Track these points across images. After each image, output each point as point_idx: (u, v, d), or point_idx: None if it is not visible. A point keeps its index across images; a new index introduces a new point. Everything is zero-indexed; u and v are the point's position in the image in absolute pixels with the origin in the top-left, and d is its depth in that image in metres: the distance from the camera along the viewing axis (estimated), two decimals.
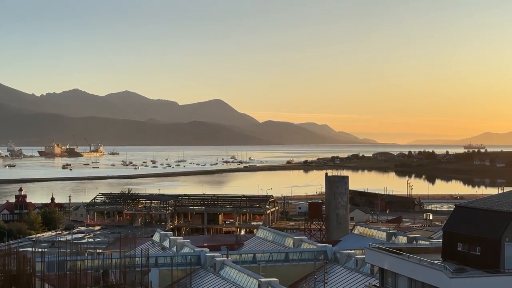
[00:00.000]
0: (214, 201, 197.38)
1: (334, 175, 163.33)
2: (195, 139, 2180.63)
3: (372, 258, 60.81)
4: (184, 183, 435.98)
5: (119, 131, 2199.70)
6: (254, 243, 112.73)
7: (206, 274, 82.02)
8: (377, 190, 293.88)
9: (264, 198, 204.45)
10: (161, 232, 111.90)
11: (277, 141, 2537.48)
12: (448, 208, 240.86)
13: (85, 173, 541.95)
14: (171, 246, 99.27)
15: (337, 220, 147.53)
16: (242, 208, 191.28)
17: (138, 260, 77.37)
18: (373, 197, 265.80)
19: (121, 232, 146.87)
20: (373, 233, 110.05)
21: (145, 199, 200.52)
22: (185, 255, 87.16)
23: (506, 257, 49.82)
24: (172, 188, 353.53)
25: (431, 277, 49.24)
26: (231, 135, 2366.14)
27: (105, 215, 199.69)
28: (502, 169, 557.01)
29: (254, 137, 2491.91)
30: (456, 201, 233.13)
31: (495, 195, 62.88)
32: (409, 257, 53.09)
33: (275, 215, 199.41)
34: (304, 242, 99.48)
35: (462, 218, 55.55)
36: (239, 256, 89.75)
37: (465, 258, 51.92)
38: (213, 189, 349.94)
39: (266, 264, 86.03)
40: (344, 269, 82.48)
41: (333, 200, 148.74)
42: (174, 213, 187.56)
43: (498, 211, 52.24)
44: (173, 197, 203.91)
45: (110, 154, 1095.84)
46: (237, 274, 76.22)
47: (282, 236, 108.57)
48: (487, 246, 50.72)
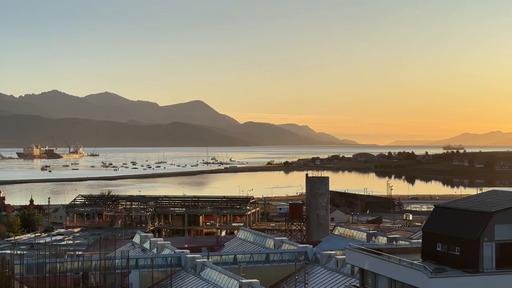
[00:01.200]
0: (194, 203, 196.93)
1: (315, 176, 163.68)
2: (176, 140, 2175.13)
3: (352, 259, 61.01)
4: (164, 185, 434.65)
5: (99, 133, 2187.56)
6: (234, 244, 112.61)
7: (186, 275, 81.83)
8: (357, 190, 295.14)
9: (244, 199, 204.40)
10: (141, 234, 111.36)
11: (258, 142, 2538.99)
12: (427, 209, 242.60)
13: (65, 175, 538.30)
14: (152, 248, 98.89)
15: (318, 221, 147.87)
16: (222, 209, 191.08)
17: (118, 262, 76.91)
18: (353, 197, 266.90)
19: (101, 234, 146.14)
20: (353, 233, 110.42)
21: (125, 201, 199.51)
22: (165, 257, 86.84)
23: (485, 257, 50.22)
24: (152, 190, 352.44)
25: (411, 277, 49.52)
26: (211, 136, 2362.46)
27: (85, 217, 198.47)
28: (480, 170, 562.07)
29: (235, 138, 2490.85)
30: (435, 201, 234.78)
31: (474, 195, 63.39)
32: (389, 257, 53.32)
33: (256, 216, 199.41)
34: (284, 243, 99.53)
35: (441, 219, 55.90)
36: (219, 257, 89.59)
37: (445, 258, 52.25)
38: (194, 191, 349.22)
39: (247, 265, 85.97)
40: (325, 270, 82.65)
41: (314, 201, 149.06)
42: (154, 214, 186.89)
43: (477, 211, 52.65)
44: (153, 198, 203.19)
45: (89, 156, 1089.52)
46: (217, 275, 76.13)
47: (262, 237, 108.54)
48: (466, 246, 51.09)
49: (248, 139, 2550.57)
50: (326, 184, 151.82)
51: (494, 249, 50.65)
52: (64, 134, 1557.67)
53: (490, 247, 50.48)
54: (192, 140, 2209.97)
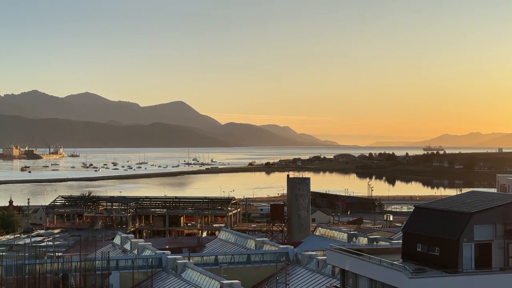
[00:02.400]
0: (175, 203, 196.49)
1: (296, 177, 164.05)
2: (157, 141, 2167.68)
3: (333, 259, 61.20)
4: (145, 185, 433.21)
5: (79, 133, 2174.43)
6: (216, 245, 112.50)
7: (167, 276, 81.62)
8: (338, 191, 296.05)
9: (226, 200, 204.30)
10: (122, 235, 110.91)
11: (239, 143, 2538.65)
12: (407, 209, 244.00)
13: (45, 176, 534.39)
14: (132, 249, 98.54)
15: (299, 222, 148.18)
16: (204, 210, 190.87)
17: (99, 263, 76.59)
18: (334, 198, 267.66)
19: (81, 235, 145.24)
20: (334, 234, 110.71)
21: (105, 202, 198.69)
22: (146, 258, 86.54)
23: (464, 257, 50.63)
24: (133, 190, 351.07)
25: (391, 277, 49.77)
26: (193, 137, 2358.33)
27: (65, 218, 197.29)
28: (460, 170, 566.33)
29: (216, 139, 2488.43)
30: (415, 202, 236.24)
31: (454, 196, 63.91)
32: (370, 258, 53.56)
33: (237, 217, 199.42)
34: (266, 244, 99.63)
35: (422, 219, 56.26)
36: (200, 258, 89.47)
37: (425, 259, 52.59)
38: (175, 191, 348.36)
39: (228, 266, 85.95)
40: (306, 270, 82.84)
41: (295, 201, 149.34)
42: (135, 215, 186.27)
43: (457, 212, 53.07)
44: (134, 199, 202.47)
45: (70, 156, 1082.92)
46: (198, 276, 76.02)
47: (244, 238, 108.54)
48: (446, 246, 51.47)
49: (229, 140, 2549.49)
50: (307, 185, 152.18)
51: (474, 249, 51.09)
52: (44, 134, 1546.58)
53: (469, 248, 50.90)
54: (174, 140, 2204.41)
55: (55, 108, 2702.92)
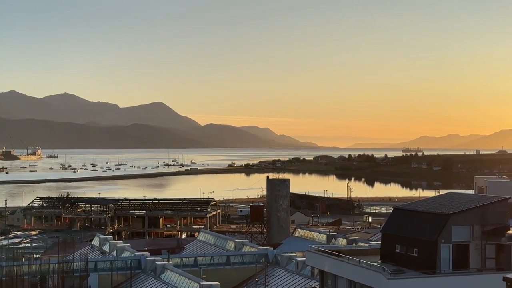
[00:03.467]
0: (155, 205, 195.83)
1: (276, 178, 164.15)
2: (136, 142, 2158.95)
3: (312, 261, 61.39)
4: (124, 187, 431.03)
5: (58, 134, 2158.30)
6: (195, 247, 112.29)
7: (146, 278, 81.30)
8: (317, 193, 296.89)
9: (205, 201, 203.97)
10: (101, 237, 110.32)
11: (219, 144, 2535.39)
12: (386, 211, 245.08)
13: (22, 177, 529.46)
14: (111, 251, 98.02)
15: (278, 223, 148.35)
16: (183, 211, 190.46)
17: (77, 265, 76.16)
18: (314, 200, 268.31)
19: (59, 237, 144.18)
20: (314, 235, 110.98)
21: (84, 203, 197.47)
22: (125, 260, 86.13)
23: (442, 258, 51.05)
24: (112, 192, 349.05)
25: (370, 278, 50.02)
26: (172, 138, 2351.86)
27: (43, 220, 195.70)
28: (438, 172, 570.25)
29: (196, 140, 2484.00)
30: (394, 203, 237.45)
31: (432, 197, 64.43)
32: (349, 259, 53.78)
33: (217, 218, 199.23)
34: (245, 245, 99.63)
35: (400, 220, 56.64)
36: (180, 260, 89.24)
37: (403, 260, 52.92)
38: (154, 193, 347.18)
39: (208, 267, 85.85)
40: (285, 272, 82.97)
41: (274, 203, 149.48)
42: (114, 217, 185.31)
43: (435, 213, 53.49)
44: (113, 200, 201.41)
45: (48, 157, 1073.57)
46: (178, 278, 75.81)
47: (223, 239, 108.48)
48: (424, 247, 51.85)
49: (209, 141, 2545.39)
50: (287, 186, 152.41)
51: (451, 250, 51.54)
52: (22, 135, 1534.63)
53: (447, 249, 51.34)
54: (153, 142, 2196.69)
55: (33, 109, 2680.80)
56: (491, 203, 54.47)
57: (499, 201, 55.10)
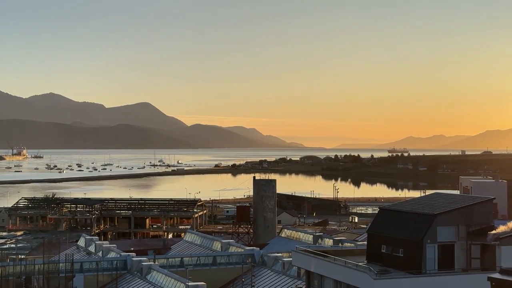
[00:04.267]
0: (141, 205, 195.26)
1: (262, 179, 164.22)
2: (122, 143, 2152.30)
3: (298, 261, 61.46)
4: (110, 187, 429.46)
5: (43, 134, 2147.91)
6: (181, 247, 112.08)
7: (132, 279, 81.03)
8: (304, 193, 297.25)
9: (192, 201, 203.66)
10: (87, 237, 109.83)
11: (205, 144, 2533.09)
12: (372, 211, 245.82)
13: (7, 177, 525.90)
14: (97, 251, 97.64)
15: (265, 224, 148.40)
16: (169, 212, 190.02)
17: (62, 265, 75.78)
18: (300, 200, 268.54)
19: (44, 237, 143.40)
20: (300, 236, 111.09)
21: (70, 203, 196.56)
22: (111, 260, 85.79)
23: (428, 258, 51.28)
24: (98, 192, 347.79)
25: (356, 278, 50.16)
26: (159, 138, 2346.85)
27: (28, 220, 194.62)
28: (424, 173, 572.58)
29: (182, 140, 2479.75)
30: (380, 204, 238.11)
31: (417, 198, 64.69)
32: (335, 259, 53.89)
33: (203, 219, 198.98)
34: (231, 246, 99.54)
35: (386, 221, 56.83)
36: (166, 260, 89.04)
37: (389, 260, 53.10)
38: (140, 193, 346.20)
39: (194, 268, 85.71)
40: (271, 272, 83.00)
41: (261, 203, 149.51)
42: (100, 217, 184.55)
43: (420, 214, 53.73)
44: (99, 201, 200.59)
45: (33, 158, 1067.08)
46: (164, 278, 75.62)
47: (209, 239, 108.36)
48: (410, 247, 52.05)
49: (195, 141, 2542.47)
50: (273, 187, 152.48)
51: (437, 250, 51.79)
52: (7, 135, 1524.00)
53: (432, 249, 51.58)
54: (139, 142, 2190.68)
55: (18, 109, 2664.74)
56: (476, 203, 54.79)
57: (484, 201, 55.45)
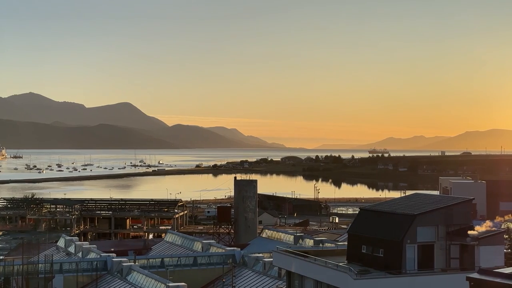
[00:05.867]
0: (121, 206, 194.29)
1: (243, 179, 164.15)
2: (103, 143, 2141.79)
3: (279, 261, 61.57)
4: (91, 187, 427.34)
5: (23, 134, 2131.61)
6: (162, 248, 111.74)
7: (112, 279, 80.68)
8: (285, 193, 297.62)
9: (172, 202, 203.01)
10: (66, 238, 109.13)
11: (186, 145, 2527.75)
12: (353, 211, 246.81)
13: None
14: (77, 252, 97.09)
15: (246, 224, 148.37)
16: (150, 212, 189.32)
17: (42, 266, 75.24)
18: (281, 200, 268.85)
19: (23, 238, 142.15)
20: (281, 236, 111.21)
21: (49, 204, 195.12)
22: (91, 261, 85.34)
23: (408, 259, 51.60)
24: (78, 193, 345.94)
25: (336, 279, 50.35)
26: (139, 138, 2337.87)
27: (7, 221, 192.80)
28: (404, 173, 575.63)
29: (163, 141, 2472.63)
30: (360, 204, 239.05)
31: (398, 198, 65.10)
32: (315, 259, 54.05)
33: (184, 219, 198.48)
34: (212, 246, 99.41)
35: (366, 221, 57.10)
36: (146, 261, 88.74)
37: (369, 260, 53.35)
38: (121, 193, 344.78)
39: (174, 268, 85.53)
40: (252, 272, 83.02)
41: (242, 204, 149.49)
42: (80, 218, 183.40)
43: (400, 214, 54.05)
44: (79, 201, 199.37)
45: (12, 158, 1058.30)
46: (144, 279, 75.36)
47: (190, 240, 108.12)
48: (390, 248, 52.34)
49: (176, 141, 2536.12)
50: (254, 187, 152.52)
51: (416, 250, 52.14)
52: None
53: (412, 249, 51.92)
54: (120, 142, 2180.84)
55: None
56: (456, 204, 55.26)
57: (463, 202, 55.94)
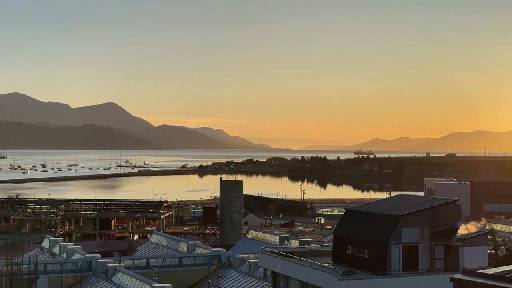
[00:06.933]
0: (106, 206, 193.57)
1: (229, 180, 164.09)
2: (88, 143, 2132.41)
3: (264, 262, 61.62)
4: (76, 188, 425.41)
5: (7, 134, 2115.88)
6: (147, 248, 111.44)
7: (97, 280, 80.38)
8: (270, 194, 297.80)
9: (158, 202, 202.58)
10: (51, 238, 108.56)
11: (172, 145, 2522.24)
12: (338, 212, 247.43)
13: None
14: (61, 253, 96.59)
15: (231, 225, 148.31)
16: (135, 213, 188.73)
17: (26, 267, 74.84)
18: (267, 201, 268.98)
19: (8, 239, 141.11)
20: (266, 237, 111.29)
21: (34, 204, 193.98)
22: (75, 262, 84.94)
23: (392, 259, 51.82)
24: (63, 193, 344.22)
25: (322, 279, 50.45)
26: (125, 139, 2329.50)
27: None
28: (389, 174, 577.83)
29: (149, 141, 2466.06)
30: (346, 205, 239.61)
31: (383, 199, 65.42)
32: (301, 260, 54.15)
33: (169, 220, 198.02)
34: (198, 247, 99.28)
35: (352, 222, 57.28)
36: (131, 262, 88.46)
37: (354, 261, 53.53)
38: (106, 194, 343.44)
39: (160, 269, 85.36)
40: (238, 273, 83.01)
41: (227, 204, 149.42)
42: (64, 218, 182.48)
43: (385, 215, 54.27)
44: (64, 202, 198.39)
45: None
46: (129, 280, 75.14)
47: (176, 241, 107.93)
48: (375, 248, 52.53)
49: (162, 142, 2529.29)
50: (240, 188, 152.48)
51: (401, 251, 52.38)
52: None
53: (397, 250, 52.15)
54: (105, 143, 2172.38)
55: None
56: (440, 204, 55.57)
57: (447, 203, 56.25)
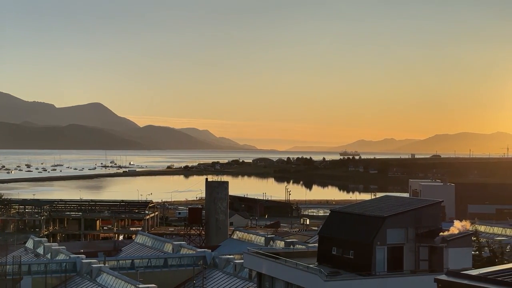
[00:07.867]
0: (91, 207, 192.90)
1: (214, 181, 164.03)
2: (73, 143, 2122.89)
3: (250, 263, 61.63)
4: (60, 188, 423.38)
5: None
6: (132, 249, 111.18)
7: (82, 281, 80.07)
8: (256, 195, 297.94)
9: (143, 203, 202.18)
10: (35, 239, 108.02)
11: (158, 146, 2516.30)
12: (324, 213, 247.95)
13: None
14: (45, 253, 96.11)
15: (217, 225, 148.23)
16: (120, 213, 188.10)
17: (10, 267, 74.41)
18: (253, 202, 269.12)
19: None
20: (252, 238, 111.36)
21: (18, 204, 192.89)
22: (60, 262, 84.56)
23: (378, 260, 52.01)
24: (47, 193, 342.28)
25: (307, 280, 50.55)
26: (110, 139, 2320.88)
27: None
28: (374, 175, 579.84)
29: (134, 141, 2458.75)
30: (331, 206, 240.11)
31: (368, 200, 65.67)
32: (286, 261, 54.21)
33: (155, 221, 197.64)
34: (183, 248, 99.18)
35: (337, 223, 57.41)
36: (116, 262, 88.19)
37: (339, 262, 53.66)
38: (91, 194, 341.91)
39: (145, 270, 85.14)
40: (223, 274, 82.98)
41: (213, 205, 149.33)
42: (49, 218, 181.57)
43: (370, 216, 54.45)
44: (48, 202, 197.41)
45: None
46: (114, 280, 74.91)
47: (161, 241, 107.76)
48: (360, 249, 52.70)
49: (148, 142, 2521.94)
50: (226, 189, 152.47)
51: (386, 252, 52.58)
52: None
53: (382, 251, 52.34)
54: (90, 143, 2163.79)
55: None
56: (425, 206, 55.84)
57: (432, 204, 56.55)
